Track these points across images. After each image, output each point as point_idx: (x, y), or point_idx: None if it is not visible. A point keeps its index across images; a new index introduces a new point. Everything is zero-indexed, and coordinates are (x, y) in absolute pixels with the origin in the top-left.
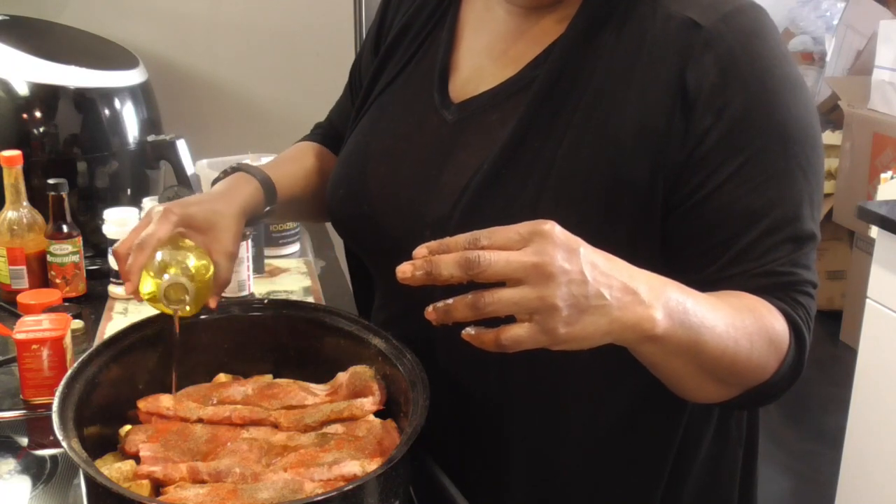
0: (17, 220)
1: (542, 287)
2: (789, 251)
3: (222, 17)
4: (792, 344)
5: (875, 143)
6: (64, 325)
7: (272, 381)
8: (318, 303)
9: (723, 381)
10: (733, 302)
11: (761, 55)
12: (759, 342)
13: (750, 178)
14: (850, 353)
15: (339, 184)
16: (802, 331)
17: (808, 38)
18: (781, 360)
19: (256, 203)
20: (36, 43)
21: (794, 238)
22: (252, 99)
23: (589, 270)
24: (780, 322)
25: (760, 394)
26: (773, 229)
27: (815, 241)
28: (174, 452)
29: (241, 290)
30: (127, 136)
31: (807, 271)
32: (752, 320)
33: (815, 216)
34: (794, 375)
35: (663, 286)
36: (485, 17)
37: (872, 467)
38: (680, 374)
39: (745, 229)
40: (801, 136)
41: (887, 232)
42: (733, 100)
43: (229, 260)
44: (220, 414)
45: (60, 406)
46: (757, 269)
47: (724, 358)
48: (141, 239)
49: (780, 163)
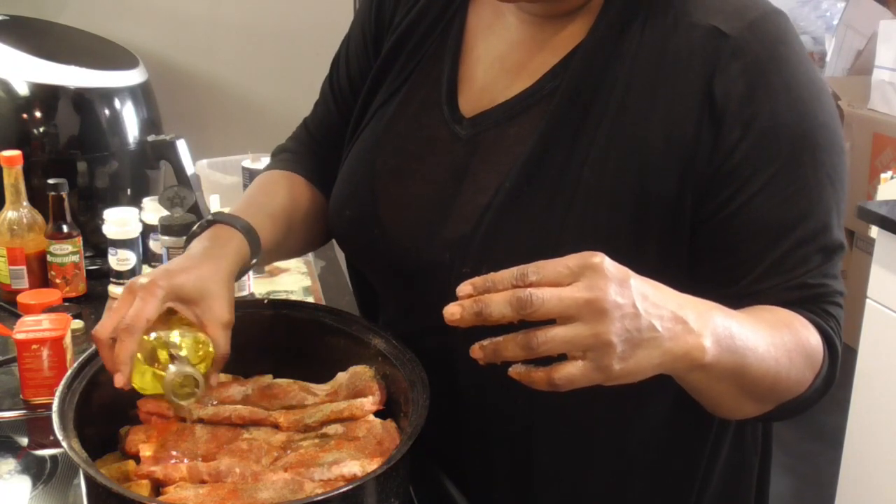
0: (17, 220)
1: (596, 323)
2: (819, 262)
3: (222, 17)
4: (826, 356)
5: (875, 143)
6: (64, 325)
7: (272, 381)
8: (318, 303)
9: (761, 400)
10: (769, 318)
11: (788, 62)
12: (798, 359)
13: (780, 190)
14: (850, 353)
15: (344, 204)
16: (835, 342)
17: (808, 38)
18: (816, 374)
19: (243, 258)
20: (36, 43)
21: (824, 249)
22: (252, 99)
23: (641, 303)
24: (815, 335)
25: (794, 407)
26: (803, 241)
27: (844, 251)
28: (174, 452)
29: (240, 291)
30: (127, 136)
31: (835, 281)
32: (790, 337)
33: (841, 223)
34: (827, 387)
35: (709, 311)
36: (495, 26)
37: (872, 467)
38: (723, 396)
39: (775, 242)
40: (828, 144)
41: (887, 232)
42: (761, 110)
43: (226, 330)
44: (220, 414)
45: (60, 406)
46: (789, 282)
47: (766, 378)
48: (127, 322)
49: (810, 172)
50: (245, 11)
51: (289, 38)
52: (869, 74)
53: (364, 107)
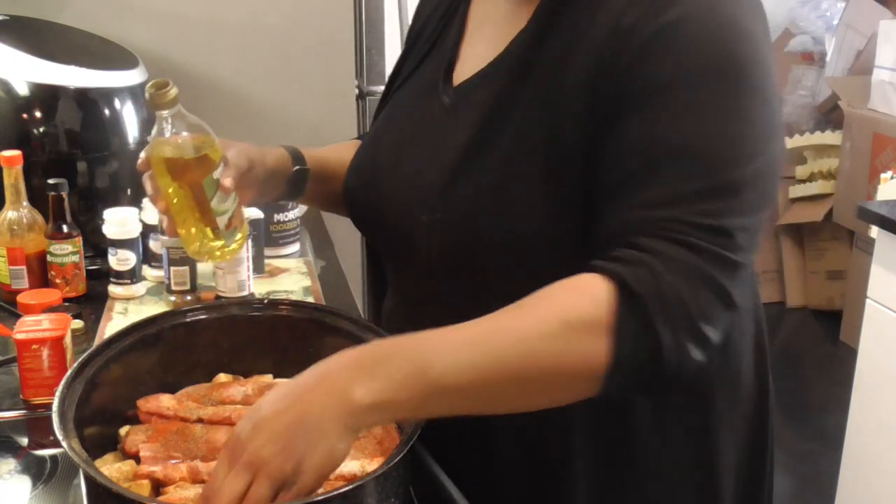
0: (17, 220)
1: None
2: (699, 199)
3: (222, 17)
4: (619, 307)
5: (875, 143)
6: (64, 325)
7: (272, 380)
8: (318, 303)
9: (543, 390)
10: (500, 315)
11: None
12: (550, 336)
13: (669, 116)
14: (850, 353)
15: (351, 174)
16: (637, 289)
17: (808, 38)
18: (610, 331)
19: (279, 155)
20: (36, 43)
21: (713, 186)
22: (251, 99)
23: (260, 422)
24: (589, 295)
25: (624, 373)
26: (685, 172)
27: (745, 193)
28: (174, 452)
29: (240, 290)
30: (127, 136)
31: (713, 220)
32: (519, 320)
33: (751, 165)
34: (652, 340)
35: (346, 362)
36: (487, 8)
37: (872, 467)
38: (488, 407)
39: (654, 169)
40: (735, 76)
41: (887, 232)
42: (655, 32)
43: (236, 154)
44: (220, 414)
45: (60, 406)
46: (655, 213)
47: (508, 373)
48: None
49: (706, 100)
50: (245, 11)
51: (289, 38)
52: (869, 74)
53: (385, 94)
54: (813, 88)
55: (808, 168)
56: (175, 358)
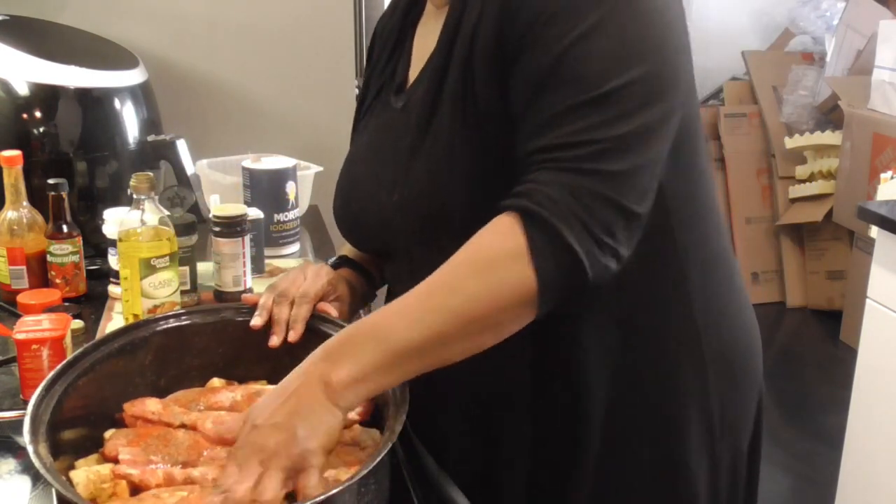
0: (17, 220)
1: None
2: (574, 115)
3: (222, 17)
4: (529, 233)
5: (875, 143)
6: (64, 325)
7: (262, 387)
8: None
9: (490, 326)
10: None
11: None
12: (481, 276)
13: (545, 46)
14: (850, 353)
15: (336, 199)
16: (541, 214)
17: (808, 38)
18: (530, 255)
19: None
20: (36, 43)
21: (580, 102)
22: (252, 99)
23: (260, 415)
24: (503, 232)
25: (553, 288)
26: (555, 97)
27: (607, 103)
28: (153, 457)
29: (236, 286)
30: (127, 136)
31: (597, 132)
32: (452, 272)
33: (615, 74)
34: (568, 253)
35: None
36: (427, 22)
37: (872, 467)
38: (447, 355)
39: (529, 105)
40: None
41: (887, 232)
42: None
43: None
44: (200, 420)
45: (35, 410)
46: (555, 140)
47: (456, 321)
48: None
49: (577, 23)
50: (245, 11)
51: (289, 38)
52: (869, 74)
53: (356, 121)
54: (813, 88)
55: (808, 168)
56: (168, 361)
